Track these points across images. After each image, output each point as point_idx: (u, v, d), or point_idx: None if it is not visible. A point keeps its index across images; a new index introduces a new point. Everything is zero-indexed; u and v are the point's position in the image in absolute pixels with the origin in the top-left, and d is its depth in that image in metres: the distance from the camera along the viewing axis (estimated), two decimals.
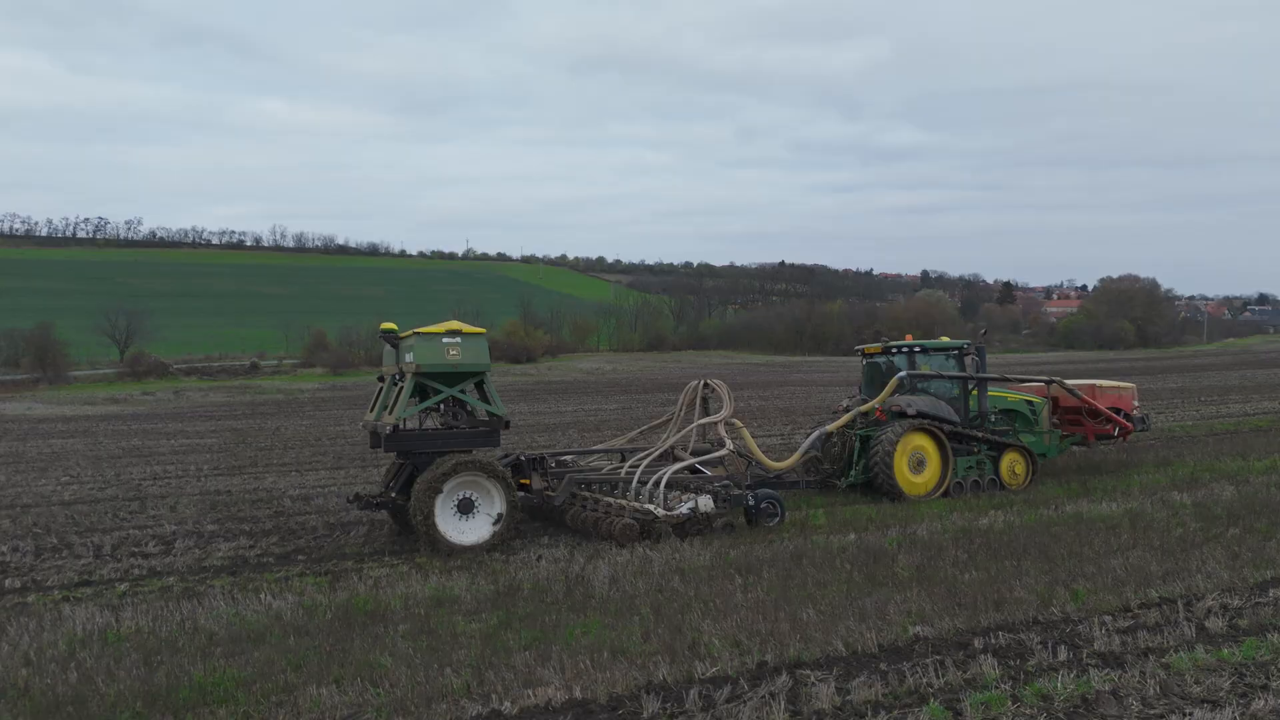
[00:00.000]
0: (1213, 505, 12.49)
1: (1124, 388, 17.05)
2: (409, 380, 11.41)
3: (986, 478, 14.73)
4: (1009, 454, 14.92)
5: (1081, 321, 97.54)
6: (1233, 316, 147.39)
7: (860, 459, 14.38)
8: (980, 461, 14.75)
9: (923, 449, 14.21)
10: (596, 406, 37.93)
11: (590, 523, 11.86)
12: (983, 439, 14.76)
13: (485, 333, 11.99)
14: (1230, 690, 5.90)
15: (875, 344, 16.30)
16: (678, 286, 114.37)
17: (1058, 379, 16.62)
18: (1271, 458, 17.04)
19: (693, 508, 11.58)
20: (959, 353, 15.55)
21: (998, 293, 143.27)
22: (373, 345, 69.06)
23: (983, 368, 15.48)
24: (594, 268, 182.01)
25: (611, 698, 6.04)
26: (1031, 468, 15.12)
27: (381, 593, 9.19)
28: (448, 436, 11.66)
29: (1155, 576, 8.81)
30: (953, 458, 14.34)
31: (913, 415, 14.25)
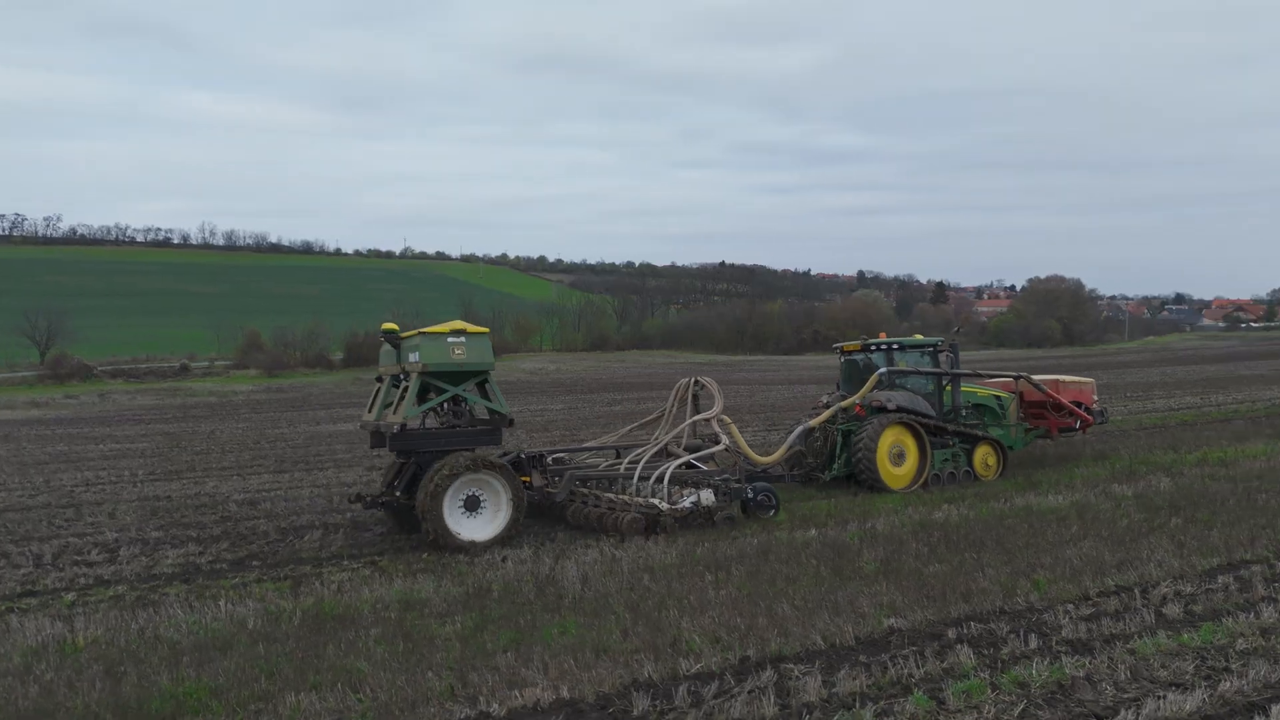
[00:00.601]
0: (1153, 496, 12.98)
1: (1084, 382, 17.74)
2: (415, 380, 11.43)
3: (961, 470, 15.26)
4: (981, 447, 15.51)
5: (1011, 321, 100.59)
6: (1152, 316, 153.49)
7: (842, 453, 14.82)
8: (955, 454, 15.28)
9: (902, 442, 14.66)
10: (542, 407, 37.66)
11: (594, 518, 12.02)
12: (957, 433, 15.30)
13: (488, 332, 12.12)
14: (1195, 674, 6.15)
15: (854, 342, 16.81)
16: (620, 286, 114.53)
17: (1025, 375, 17.15)
18: (1201, 450, 17.79)
19: (695, 502, 11.87)
20: (934, 350, 16.13)
21: (931, 293, 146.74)
22: (309, 345, 67.70)
23: (956, 364, 16.01)
24: (535, 267, 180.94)
25: (599, 696, 6.01)
26: (1002, 460, 15.71)
27: (347, 597, 9.00)
28: (452, 435, 11.78)
29: (1110, 566, 9.12)
30: (930, 451, 14.84)
31: (892, 410, 14.72)
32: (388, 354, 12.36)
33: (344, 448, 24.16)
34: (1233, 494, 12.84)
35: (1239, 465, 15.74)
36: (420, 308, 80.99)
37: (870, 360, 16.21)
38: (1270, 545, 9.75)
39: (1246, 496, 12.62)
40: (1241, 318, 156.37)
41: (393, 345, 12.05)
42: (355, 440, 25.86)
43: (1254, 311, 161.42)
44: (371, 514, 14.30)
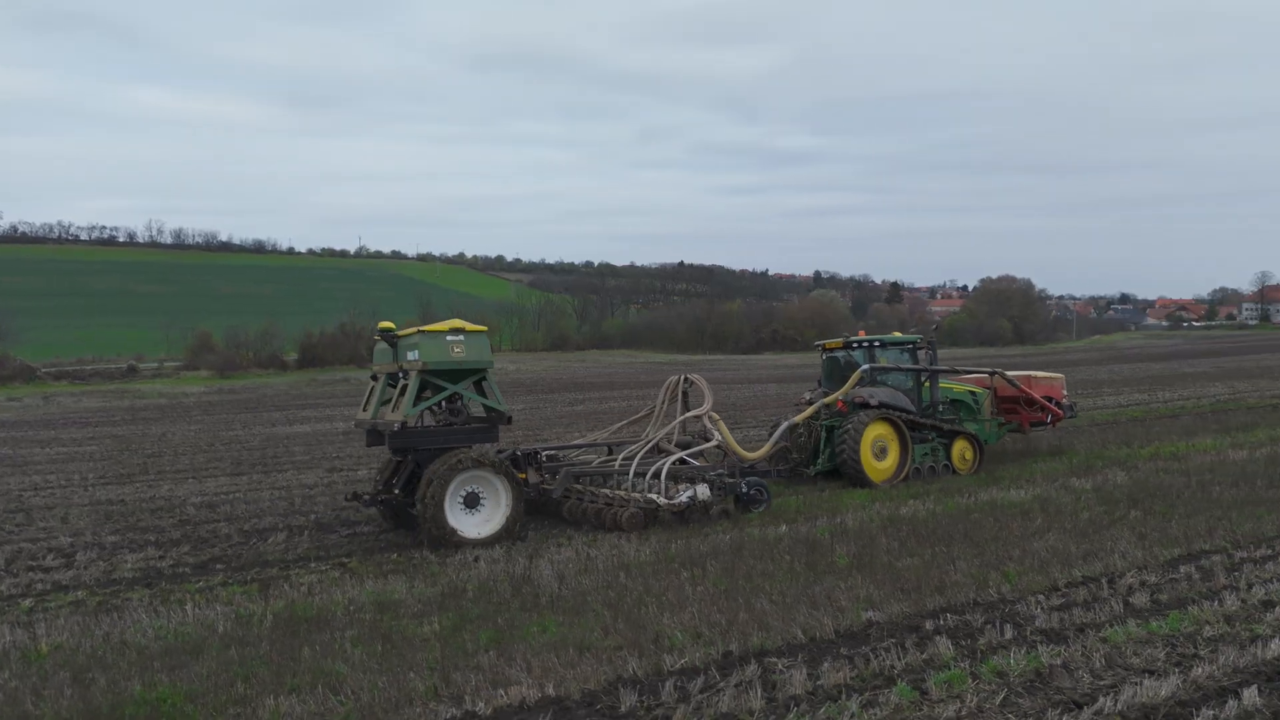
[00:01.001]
0: (1111, 490, 13.29)
1: (1054, 378, 18.25)
2: (414, 378, 11.45)
3: (940, 463, 15.62)
4: (959, 441, 15.92)
5: (964, 320, 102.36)
6: (1098, 315, 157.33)
7: (826, 447, 15.11)
8: (934, 449, 15.64)
9: (884, 437, 14.98)
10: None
11: (592, 514, 12.20)
12: (936, 427, 15.66)
13: (487, 331, 12.19)
14: (1166, 660, 6.30)
15: (836, 339, 17.16)
16: (580, 286, 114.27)
17: (1000, 371, 17.61)
18: (1153, 445, 18.26)
19: (692, 496, 12.11)
20: (913, 347, 16.53)
21: (886, 293, 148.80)
22: (262, 345, 66.43)
23: (935, 361, 16.41)
24: (493, 266, 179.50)
25: (585, 694, 5.99)
26: (979, 454, 16.10)
27: (318, 599, 8.85)
28: (451, 433, 11.83)
29: (1076, 557, 9.32)
30: (911, 445, 15.17)
31: (875, 406, 15.04)
32: (383, 352, 12.32)
33: (302, 449, 23.78)
34: (1187, 487, 13.19)
35: (1190, 459, 16.18)
36: (377, 307, 79.90)
37: (852, 357, 16.53)
38: (1227, 536, 10.03)
39: (1200, 489, 12.98)
40: (1183, 317, 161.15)
41: (389, 344, 12.00)
42: (314, 442, 25.48)
43: (1195, 311, 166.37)
44: (336, 515, 14.12)
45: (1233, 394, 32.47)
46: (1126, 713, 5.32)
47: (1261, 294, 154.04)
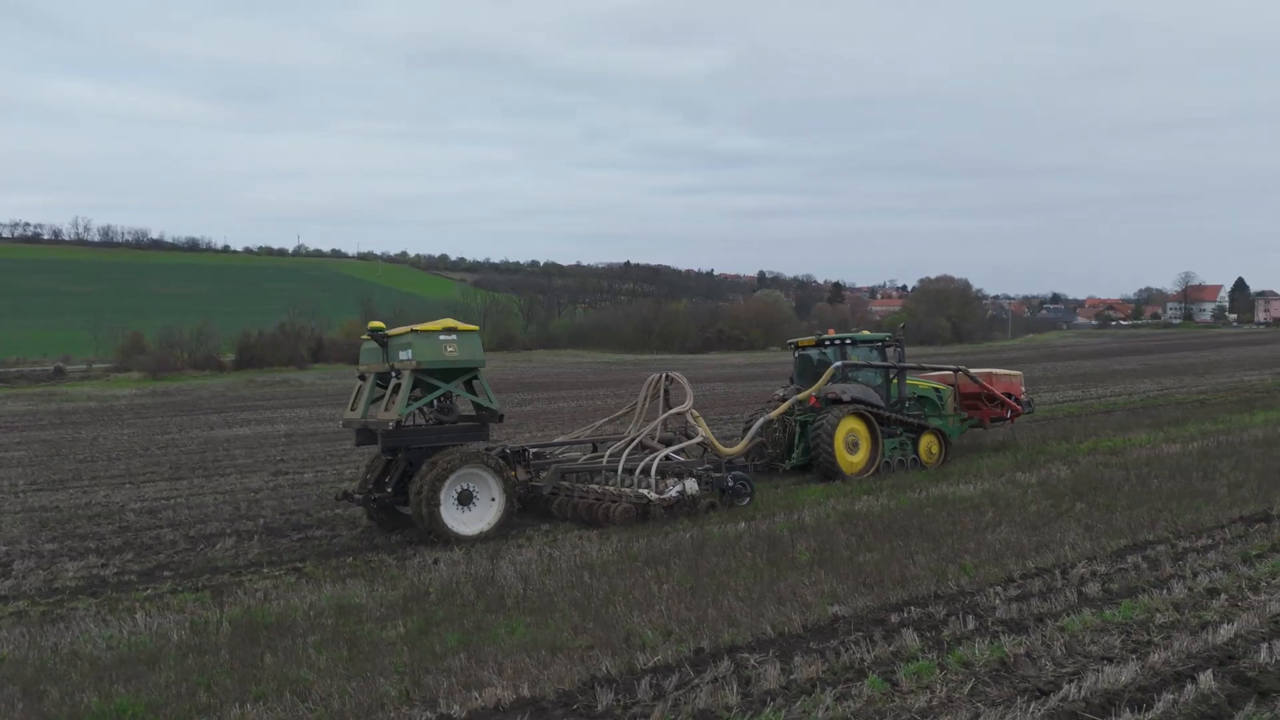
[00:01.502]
0: (1055, 484, 13.68)
1: (1014, 375, 19.00)
2: (408, 377, 11.51)
3: (909, 457, 16.08)
4: (926, 436, 16.43)
5: (905, 319, 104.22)
6: (1032, 314, 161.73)
7: (800, 442, 15.60)
8: (903, 443, 16.10)
9: (856, 431, 15.41)
10: None
11: (583, 510, 12.39)
12: (904, 422, 16.13)
13: (478, 330, 12.39)
14: (1123, 647, 6.51)
15: (809, 337, 17.69)
16: (526, 285, 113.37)
17: (964, 368, 18.23)
18: (1091, 440, 18.84)
19: (681, 491, 12.41)
20: (882, 345, 17.09)
21: (828, 292, 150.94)
22: (197, 346, 64.64)
23: (902, 358, 16.93)
24: (436, 266, 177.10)
25: (560, 694, 5.96)
26: (944, 448, 16.65)
27: (276, 605, 8.66)
28: (443, 431, 11.96)
29: (1028, 549, 9.57)
30: (881, 440, 15.62)
31: (848, 401, 15.45)
32: (371, 352, 12.31)
33: (244, 453, 23.21)
34: (1127, 480, 13.64)
35: (1127, 453, 16.73)
36: (317, 307, 78.39)
37: (824, 355, 16.96)
38: (1169, 527, 10.39)
39: (1140, 482, 13.43)
40: (1111, 316, 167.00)
41: (379, 343, 12.00)
42: (255, 444, 24.89)
43: (1123, 310, 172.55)
44: (286, 519, 13.84)
45: (1161, 390, 33.69)
46: (1090, 699, 5.48)
47: (1184, 294, 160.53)
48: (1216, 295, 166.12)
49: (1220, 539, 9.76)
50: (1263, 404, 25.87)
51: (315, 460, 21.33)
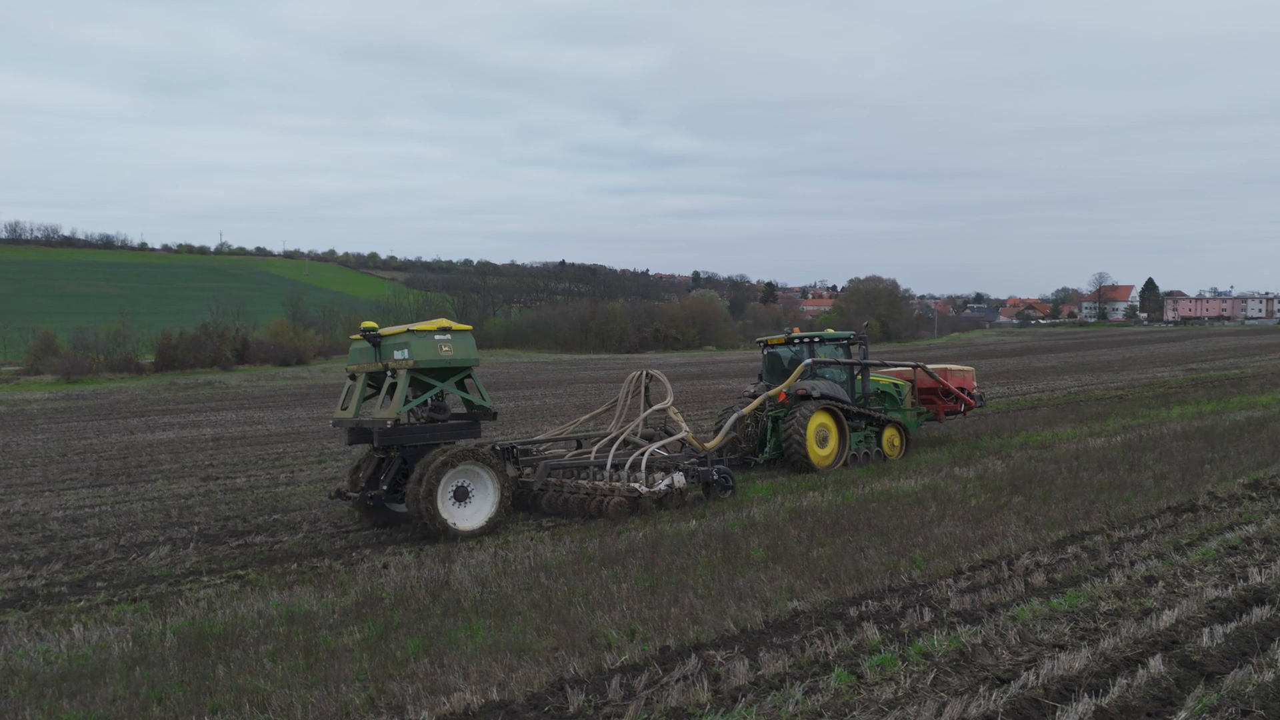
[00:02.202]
0: (992, 478, 14.08)
1: (966, 371, 19.99)
2: (404, 376, 11.66)
3: (873, 449, 16.76)
4: (888, 429, 17.15)
5: (835, 319, 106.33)
6: (956, 313, 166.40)
7: (773, 436, 16.16)
8: (867, 436, 16.80)
9: (826, 426, 16.01)
10: None
11: (574, 504, 12.68)
12: (869, 416, 16.78)
13: (471, 329, 12.55)
14: (1073, 635, 6.73)
15: (778, 336, 18.30)
16: (459, 285, 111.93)
17: (922, 364, 19.05)
18: (1021, 435, 19.47)
19: (669, 484, 12.82)
20: (847, 343, 17.80)
21: (761, 292, 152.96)
22: (114, 348, 62.21)
23: (866, 355, 17.63)
24: (366, 264, 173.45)
25: (530, 696, 5.89)
26: (905, 440, 17.40)
27: (221, 614, 8.37)
28: (439, 429, 12.12)
29: (974, 542, 9.83)
30: (849, 433, 16.23)
31: (817, 397, 16.06)
32: (362, 351, 12.37)
33: (169, 458, 22.41)
34: (1059, 473, 14.12)
35: (1056, 447, 17.32)
36: (241, 307, 76.15)
37: (794, 353, 17.49)
38: (1103, 518, 10.80)
39: (1071, 475, 13.91)
40: (1031, 315, 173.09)
41: (371, 343, 12.08)
42: (181, 449, 24.07)
43: (1042, 310, 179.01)
44: (222, 526, 13.43)
45: (1081, 386, 34.98)
46: (1049, 685, 5.66)
47: (1099, 294, 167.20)
48: (1128, 295, 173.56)
49: (1152, 529, 10.18)
50: (1177, 399, 27.06)
51: (247, 465, 20.73)
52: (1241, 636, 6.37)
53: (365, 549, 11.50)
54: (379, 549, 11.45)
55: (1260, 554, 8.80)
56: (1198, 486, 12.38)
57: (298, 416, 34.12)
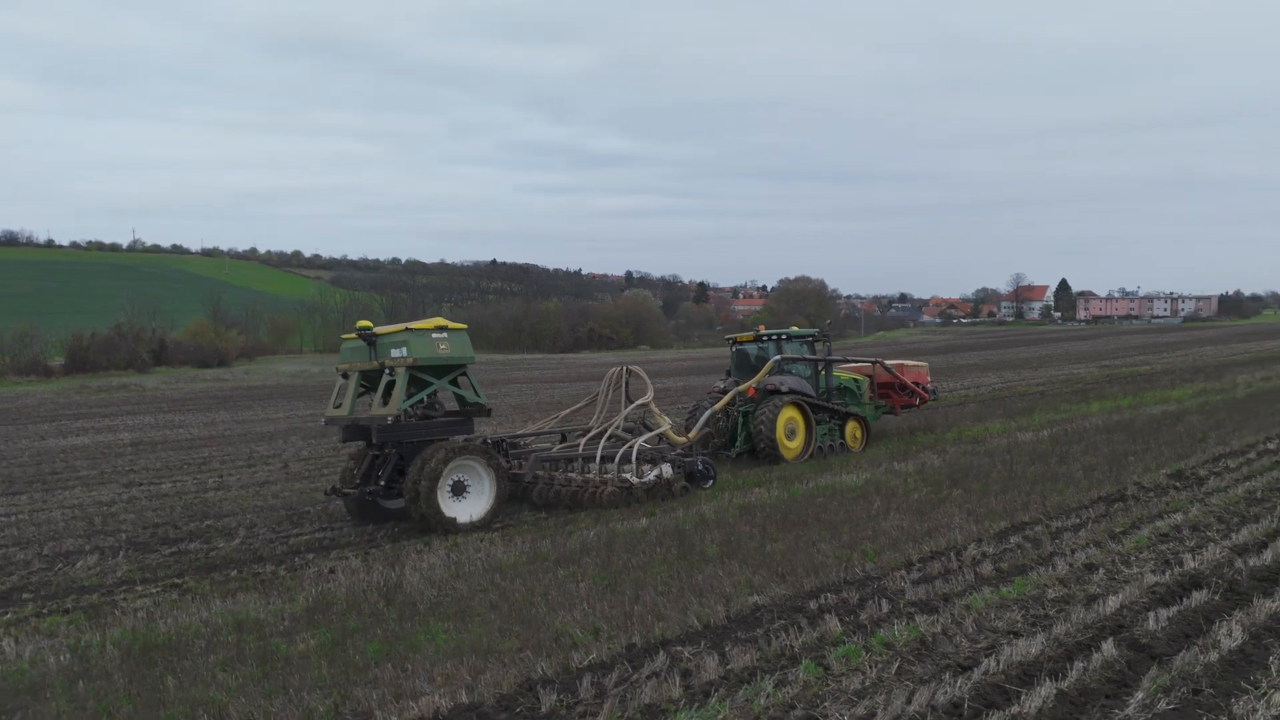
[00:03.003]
0: (930, 472, 14.43)
1: (921, 366, 20.70)
2: (403, 374, 11.85)
3: (837, 442, 17.50)
4: (850, 422, 17.89)
5: (766, 318, 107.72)
6: (882, 313, 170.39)
7: (744, 430, 16.71)
8: (832, 429, 17.51)
9: (794, 419, 16.64)
10: (312, 412, 35.26)
11: (567, 496, 13.02)
12: (833, 410, 17.52)
13: (466, 328, 12.83)
14: (1025, 622, 6.94)
15: (747, 333, 18.94)
16: (387, 284, 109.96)
17: (880, 360, 19.76)
18: (954, 430, 20.01)
19: (659, 475, 13.22)
20: (812, 340, 18.54)
21: (694, 292, 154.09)
22: (20, 349, 59.46)
23: (829, 352, 18.57)
24: (289, 263, 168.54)
25: (500, 698, 5.80)
26: (866, 433, 18.19)
27: (163, 623, 8.05)
28: (435, 425, 12.34)
29: (921, 534, 10.06)
30: (815, 426, 16.88)
31: (786, 392, 16.66)
32: (355, 350, 12.54)
33: (86, 463, 21.50)
34: (994, 467, 14.55)
35: (988, 441, 17.85)
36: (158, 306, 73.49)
37: (761, 349, 18.10)
38: (1040, 508, 11.15)
39: (1006, 468, 14.35)
40: (953, 314, 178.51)
41: (367, 342, 12.22)
42: (98, 454, 23.10)
43: (963, 309, 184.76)
44: (152, 533, 13.00)
45: (1004, 383, 36.12)
46: (1009, 671, 5.82)
47: (1016, 294, 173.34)
48: (1044, 295, 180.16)
49: (1087, 518, 10.56)
50: (1096, 394, 28.17)
51: (171, 469, 20.00)
52: (1184, 619, 6.65)
53: (308, 554, 11.21)
54: (323, 554, 11.18)
55: (1190, 540, 9.20)
56: (1125, 477, 12.89)
57: (221, 419, 33.02)
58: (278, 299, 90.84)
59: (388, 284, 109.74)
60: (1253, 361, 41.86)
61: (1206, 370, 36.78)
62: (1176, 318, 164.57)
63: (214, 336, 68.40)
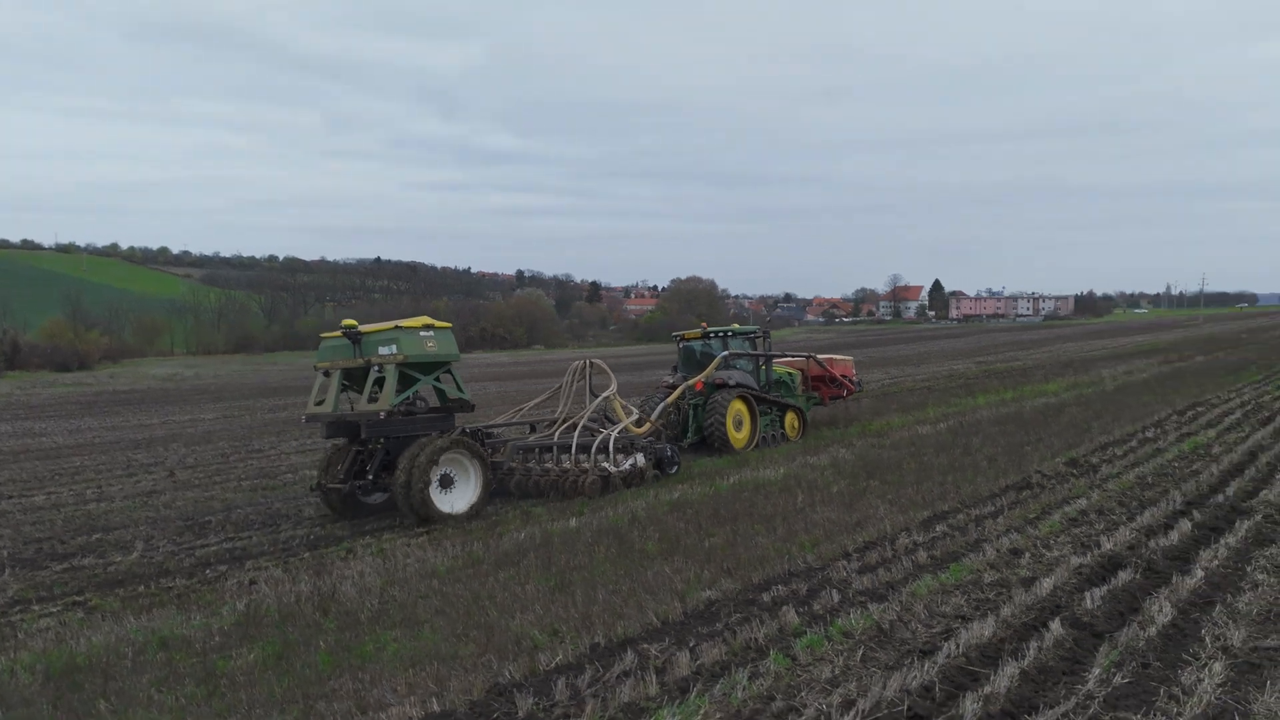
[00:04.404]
0: (843, 465, 14.84)
1: (847, 360, 22.23)
2: (392, 370, 12.12)
3: (778, 432, 18.70)
4: (789, 413, 19.19)
5: (659, 318, 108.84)
6: (768, 312, 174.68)
7: (694, 422, 17.56)
8: (773, 420, 18.69)
9: (741, 411, 17.62)
10: (190, 417, 33.37)
11: (546, 484, 13.49)
12: (774, 402, 18.71)
13: (451, 326, 13.26)
14: (969, 605, 7.21)
15: (694, 330, 19.80)
16: (265, 282, 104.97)
17: (813, 355, 21.33)
18: (856, 425, 20.68)
19: (634, 463, 13.88)
20: (754, 337, 19.58)
21: (586, 291, 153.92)
22: None
23: (769, 348, 19.73)
24: (155, 260, 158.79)
25: (472, 704, 5.61)
26: (803, 423, 19.52)
27: (74, 644, 7.43)
28: (415, 421, 12.59)
29: (851, 525, 10.33)
30: (759, 418, 17.90)
31: (734, 386, 17.63)
32: (336, 349, 12.83)
33: None
34: (902, 459, 15.08)
35: (891, 435, 18.51)
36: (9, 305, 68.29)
37: (708, 346, 19.15)
38: (957, 497, 11.63)
39: (914, 460, 14.90)
40: (835, 313, 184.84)
41: (352, 340, 12.51)
42: None
43: (845, 308, 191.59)
44: (37, 548, 12.07)
45: (891, 379, 37.60)
46: (969, 653, 6.03)
47: (894, 294, 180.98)
48: (919, 295, 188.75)
49: (1001, 505, 11.07)
50: (979, 389, 29.66)
51: (41, 481, 18.56)
52: (1115, 598, 7.04)
53: (219, 565, 10.60)
54: (235, 564, 10.59)
55: (1099, 524, 9.77)
56: (1026, 466, 13.59)
57: (89, 426, 30.86)
58: (144, 298, 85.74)
59: (266, 282, 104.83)
60: (1112, 357, 44.99)
61: (1074, 365, 39.28)
62: (1038, 316, 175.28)
63: (73, 338, 63.89)
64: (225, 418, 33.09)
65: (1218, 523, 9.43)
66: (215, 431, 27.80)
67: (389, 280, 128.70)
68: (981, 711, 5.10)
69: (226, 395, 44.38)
